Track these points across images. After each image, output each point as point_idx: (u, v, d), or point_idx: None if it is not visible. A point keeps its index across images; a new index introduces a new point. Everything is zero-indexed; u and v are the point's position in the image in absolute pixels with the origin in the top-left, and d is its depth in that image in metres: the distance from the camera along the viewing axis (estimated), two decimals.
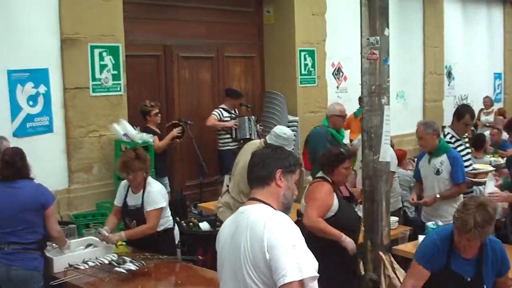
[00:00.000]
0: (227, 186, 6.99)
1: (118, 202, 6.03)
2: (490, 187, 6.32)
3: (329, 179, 5.57)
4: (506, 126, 7.53)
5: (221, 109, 9.67)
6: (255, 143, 6.92)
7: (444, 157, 6.58)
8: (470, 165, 7.00)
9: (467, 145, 7.29)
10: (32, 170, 5.42)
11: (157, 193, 5.83)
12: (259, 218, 3.06)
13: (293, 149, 10.52)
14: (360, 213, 5.80)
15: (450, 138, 6.98)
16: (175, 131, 8.77)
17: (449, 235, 4.23)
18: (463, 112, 7.13)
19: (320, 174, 5.72)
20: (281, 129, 6.97)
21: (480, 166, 7.11)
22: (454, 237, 4.15)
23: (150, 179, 5.94)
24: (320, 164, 5.75)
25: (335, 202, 5.46)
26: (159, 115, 8.83)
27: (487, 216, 3.96)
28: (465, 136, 7.20)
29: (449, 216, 6.35)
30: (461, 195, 6.65)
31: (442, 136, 6.96)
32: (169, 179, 8.92)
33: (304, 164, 8.71)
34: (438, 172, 6.59)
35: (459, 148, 6.93)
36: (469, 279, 4.19)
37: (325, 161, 5.67)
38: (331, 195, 5.47)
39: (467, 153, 7.13)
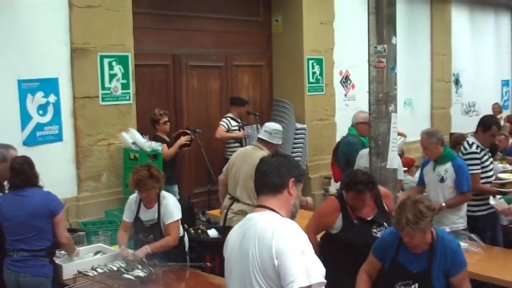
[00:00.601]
0: (229, 195, 6.97)
1: (128, 217, 5.95)
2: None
3: (344, 196, 5.33)
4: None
5: (228, 118, 9.71)
6: (253, 151, 6.81)
7: (449, 165, 6.58)
8: (493, 175, 7.01)
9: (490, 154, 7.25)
10: (40, 178, 5.46)
11: (174, 206, 5.82)
12: (267, 225, 3.08)
13: (300, 158, 10.59)
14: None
15: (476, 148, 6.89)
16: (183, 139, 8.80)
17: None
18: (489, 123, 7.08)
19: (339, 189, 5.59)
20: (273, 125, 7.00)
21: (505, 176, 7.12)
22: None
23: (163, 193, 5.90)
24: (341, 181, 5.55)
25: (338, 222, 5.28)
26: (168, 123, 8.87)
27: (418, 213, 4.18)
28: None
29: (452, 224, 6.45)
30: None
31: (466, 145, 6.95)
32: (178, 187, 8.95)
33: (333, 176, 8.67)
34: (442, 180, 6.60)
35: (484, 158, 6.91)
36: (415, 271, 4.36)
37: (342, 181, 5.44)
38: (334, 213, 5.29)
39: (491, 163, 7.11)
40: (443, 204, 6.47)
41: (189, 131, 9.10)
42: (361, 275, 4.73)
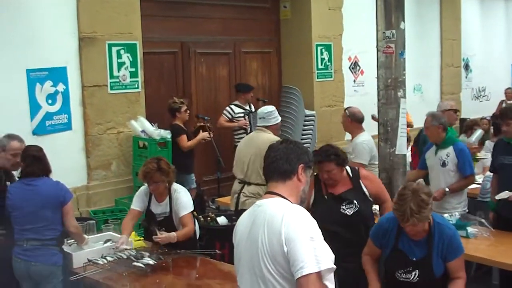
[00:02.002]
0: (238, 180, 7.01)
1: (138, 207, 5.93)
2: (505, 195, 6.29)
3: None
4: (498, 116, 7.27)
5: (232, 107, 9.73)
6: (257, 134, 6.93)
7: (450, 149, 6.61)
8: None
9: None
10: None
11: (186, 198, 5.83)
12: (276, 211, 3.09)
13: (309, 145, 10.58)
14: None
15: None
16: (204, 135, 8.80)
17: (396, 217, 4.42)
18: None
19: None
20: (263, 109, 7.13)
21: None
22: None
23: (174, 185, 5.89)
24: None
25: (312, 198, 5.30)
26: (188, 111, 8.87)
27: (420, 201, 4.19)
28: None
29: (451, 208, 6.43)
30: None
31: None
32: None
33: (413, 164, 8.47)
34: (444, 164, 6.62)
35: None
36: (415, 258, 4.40)
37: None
38: (309, 189, 5.18)
39: None
40: (447, 189, 6.46)
41: (202, 119, 9.08)
42: (365, 257, 4.80)
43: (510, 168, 6.27)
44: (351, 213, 5.14)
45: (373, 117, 8.62)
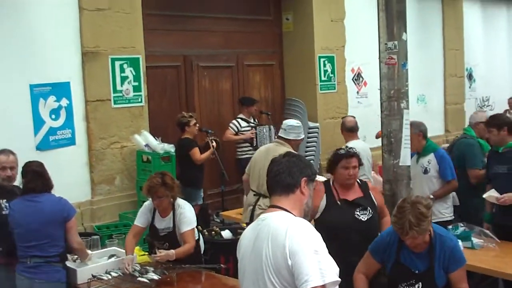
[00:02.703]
0: (254, 192, 6.95)
1: (140, 222, 5.88)
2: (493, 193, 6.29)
3: (331, 181, 5.38)
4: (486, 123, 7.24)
5: (238, 120, 9.75)
6: (276, 147, 6.80)
7: (431, 156, 6.72)
8: None
9: None
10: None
11: (190, 214, 5.78)
12: (280, 225, 3.08)
13: (313, 157, 10.56)
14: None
15: None
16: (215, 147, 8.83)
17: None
18: None
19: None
20: (288, 121, 7.13)
21: None
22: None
23: (178, 201, 5.84)
24: (327, 164, 5.52)
25: (322, 203, 5.25)
26: (198, 125, 8.87)
27: (419, 214, 4.17)
28: None
29: (440, 214, 6.54)
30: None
31: None
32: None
33: None
34: (426, 171, 6.71)
35: None
36: (417, 271, 4.37)
37: (328, 161, 5.47)
38: (318, 195, 5.19)
39: None
40: (431, 196, 6.46)
41: (207, 134, 9.06)
42: (358, 275, 4.68)
43: (503, 177, 6.32)
44: (366, 219, 5.14)
45: (377, 136, 8.64)
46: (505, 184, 6.26)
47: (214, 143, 8.84)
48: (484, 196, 6.38)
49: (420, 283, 4.38)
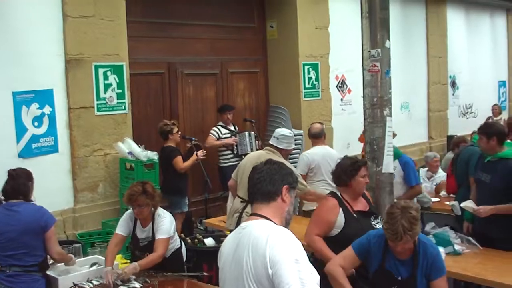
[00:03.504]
0: (241, 199, 6.90)
1: (123, 231, 5.78)
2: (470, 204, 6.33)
3: (339, 193, 5.33)
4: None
5: (218, 127, 9.72)
6: (267, 154, 6.72)
7: (396, 163, 6.86)
8: None
9: None
10: (33, 194, 5.42)
11: (168, 223, 5.69)
12: (261, 233, 3.07)
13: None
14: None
15: None
16: (200, 154, 8.76)
17: (384, 235, 4.42)
18: None
19: (331, 189, 5.60)
20: (280, 130, 7.16)
21: None
22: (388, 242, 4.37)
23: (159, 210, 5.77)
24: (336, 176, 5.42)
25: (339, 219, 5.20)
26: (180, 132, 8.83)
27: (411, 218, 4.22)
28: None
29: None
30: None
31: None
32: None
33: (447, 188, 8.45)
34: None
35: None
36: (400, 278, 4.40)
37: (341, 172, 5.34)
38: (333, 211, 5.22)
39: None
40: (396, 201, 6.50)
41: (190, 142, 9.03)
42: (338, 268, 4.58)
43: (483, 185, 6.31)
44: (381, 227, 5.10)
45: (359, 139, 8.74)
46: (486, 192, 6.25)
47: (198, 152, 8.78)
48: (461, 205, 6.41)
49: None
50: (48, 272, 5.40)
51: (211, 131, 9.64)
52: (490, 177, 6.24)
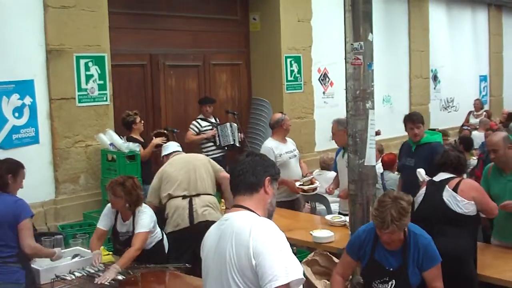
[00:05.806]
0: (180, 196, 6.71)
1: (104, 226, 5.82)
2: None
3: None
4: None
5: (198, 120, 9.68)
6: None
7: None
8: None
9: None
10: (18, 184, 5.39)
11: (148, 218, 5.69)
12: (244, 225, 3.07)
13: None
14: None
15: None
16: (158, 140, 8.69)
17: (373, 227, 4.48)
18: None
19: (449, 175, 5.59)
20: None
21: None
22: (376, 230, 4.42)
23: (141, 206, 5.75)
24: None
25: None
26: (143, 121, 8.83)
27: (401, 209, 4.27)
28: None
29: None
30: None
31: None
32: None
33: None
34: None
35: None
36: (391, 269, 4.44)
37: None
38: None
39: None
40: None
41: (166, 131, 9.03)
42: (335, 277, 4.76)
43: (409, 170, 6.66)
44: None
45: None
46: (411, 175, 6.39)
47: (157, 138, 8.74)
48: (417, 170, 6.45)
49: (394, 280, 4.43)
50: (32, 265, 5.35)
51: (190, 126, 9.59)
52: (414, 161, 6.79)
